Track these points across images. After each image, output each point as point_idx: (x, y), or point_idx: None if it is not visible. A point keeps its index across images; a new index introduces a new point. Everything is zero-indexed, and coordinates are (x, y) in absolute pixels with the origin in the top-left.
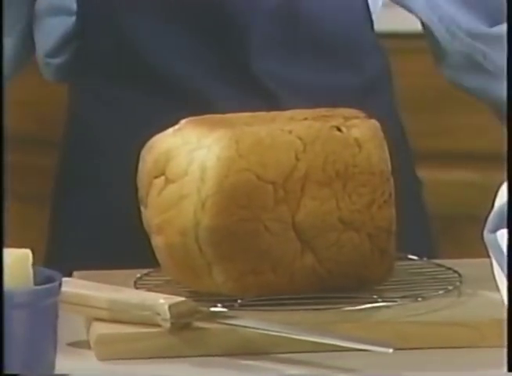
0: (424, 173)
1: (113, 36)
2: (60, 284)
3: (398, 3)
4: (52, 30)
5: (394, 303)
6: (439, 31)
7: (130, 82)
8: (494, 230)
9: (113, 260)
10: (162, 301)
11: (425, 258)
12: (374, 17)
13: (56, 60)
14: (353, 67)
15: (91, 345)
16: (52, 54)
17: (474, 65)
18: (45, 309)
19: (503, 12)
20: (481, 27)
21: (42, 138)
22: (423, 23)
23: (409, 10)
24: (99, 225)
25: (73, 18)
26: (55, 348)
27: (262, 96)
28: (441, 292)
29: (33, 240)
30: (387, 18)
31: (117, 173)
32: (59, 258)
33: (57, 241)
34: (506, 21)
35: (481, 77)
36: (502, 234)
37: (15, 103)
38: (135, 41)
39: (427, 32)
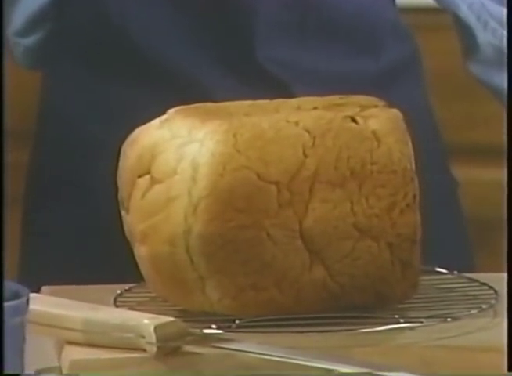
0: (456, 171)
1: (94, 14)
2: (28, 301)
3: None
4: (24, 4)
5: (420, 324)
6: (470, 20)
7: (113, 68)
8: None
9: (89, 273)
10: (147, 322)
11: (456, 272)
12: None
13: (27, 40)
14: (372, 52)
15: (64, 372)
16: (22, 33)
17: None
18: (10, 330)
19: None
20: None
21: (9, 130)
22: (452, 15)
23: (437, 1)
24: (75, 232)
25: None
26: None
27: (269, 86)
28: (474, 312)
29: None
30: None
31: (96, 173)
32: (30, 270)
33: (29, 251)
34: (506, 21)
35: None
36: None
37: None
38: (121, 20)
39: (456, 24)
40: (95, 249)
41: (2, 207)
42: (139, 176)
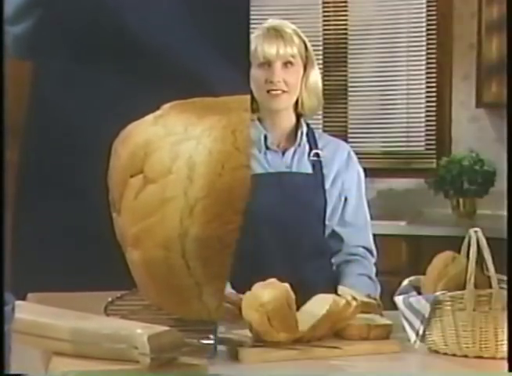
0: None
1: (89, 4)
2: (13, 309)
3: None
4: None
5: None
6: None
7: (106, 58)
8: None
9: (78, 279)
10: (140, 332)
11: None
12: None
13: (16, 28)
14: None
15: None
16: (11, 20)
17: None
18: None
19: None
20: None
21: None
22: None
23: None
24: (64, 235)
25: None
26: None
27: None
28: None
29: None
30: None
31: (88, 171)
32: (17, 275)
33: (16, 255)
34: (506, 21)
35: None
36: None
37: None
38: (116, 8)
39: None
40: (83, 253)
41: (2, 213)
42: (132, 176)
